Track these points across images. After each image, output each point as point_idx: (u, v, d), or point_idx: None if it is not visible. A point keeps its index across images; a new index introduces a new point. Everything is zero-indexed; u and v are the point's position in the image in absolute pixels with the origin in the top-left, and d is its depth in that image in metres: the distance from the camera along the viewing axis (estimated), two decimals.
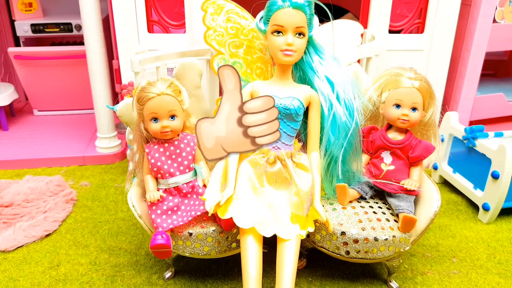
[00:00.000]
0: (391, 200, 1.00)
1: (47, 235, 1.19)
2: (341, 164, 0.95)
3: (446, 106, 1.62)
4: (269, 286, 1.00)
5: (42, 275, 1.04)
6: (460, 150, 1.39)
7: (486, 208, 1.26)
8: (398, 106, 0.99)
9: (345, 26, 1.09)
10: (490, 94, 1.79)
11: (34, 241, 1.16)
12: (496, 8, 1.62)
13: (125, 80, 1.39)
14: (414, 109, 0.98)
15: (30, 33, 1.82)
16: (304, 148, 0.99)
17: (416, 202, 1.01)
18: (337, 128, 0.93)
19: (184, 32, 1.38)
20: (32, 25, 1.81)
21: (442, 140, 1.44)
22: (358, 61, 1.29)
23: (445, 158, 1.45)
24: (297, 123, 0.94)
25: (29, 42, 1.89)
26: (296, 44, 0.88)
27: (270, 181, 0.92)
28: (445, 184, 1.47)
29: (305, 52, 0.93)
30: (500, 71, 2.15)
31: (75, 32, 1.85)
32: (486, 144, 1.26)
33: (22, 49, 1.75)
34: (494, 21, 1.63)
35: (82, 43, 1.89)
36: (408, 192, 0.98)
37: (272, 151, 0.93)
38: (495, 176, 1.21)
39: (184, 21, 1.37)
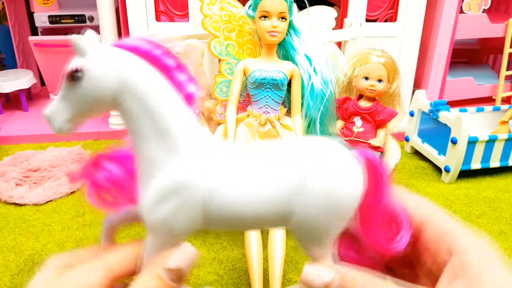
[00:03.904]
0: None
1: (72, 192, 1.39)
2: (319, 125, 1.16)
3: (417, 87, 1.83)
4: None
5: (71, 221, 1.25)
6: (427, 123, 1.60)
7: (447, 170, 1.47)
8: (366, 78, 1.20)
9: (321, 11, 1.29)
10: (460, 78, 2.00)
11: (61, 197, 1.37)
12: (463, 0, 1.83)
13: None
14: (380, 80, 1.19)
15: (47, 24, 2.02)
16: (288, 113, 1.20)
17: (381, 158, 1.22)
18: (314, 95, 1.14)
19: (188, 20, 1.59)
20: (49, 16, 2.01)
21: (412, 115, 1.65)
22: (339, 44, 1.50)
23: (415, 131, 1.66)
24: (282, 92, 1.15)
25: (46, 32, 2.08)
26: (280, 27, 1.09)
27: (262, 138, 1.13)
28: (416, 153, 1.69)
29: (287, 34, 1.14)
30: (473, 59, 2.36)
31: (88, 23, 2.05)
32: (446, 115, 1.47)
33: (42, 38, 1.95)
34: (462, 11, 1.85)
35: None
36: (375, 148, 1.19)
37: (263, 115, 1.14)
38: (454, 142, 1.42)
39: (188, 11, 1.58)
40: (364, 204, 0.32)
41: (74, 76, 0.29)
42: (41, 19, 2.01)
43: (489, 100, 2.06)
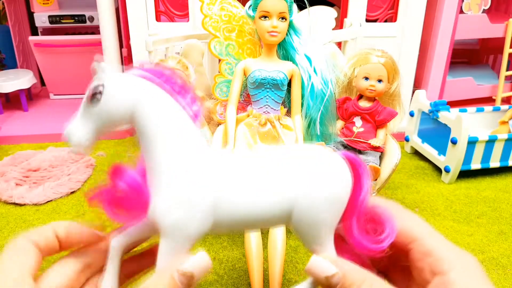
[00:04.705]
0: (361, 157, 1.20)
1: (72, 192, 1.39)
2: (319, 125, 1.16)
3: (417, 87, 1.83)
4: None
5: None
6: (427, 123, 1.60)
7: (447, 170, 1.47)
8: (366, 78, 1.20)
9: (321, 11, 1.29)
10: (460, 78, 2.00)
11: (61, 197, 1.37)
12: (463, 0, 1.83)
13: (135, 64, 1.60)
14: (380, 80, 1.19)
15: (47, 24, 2.02)
16: (288, 113, 1.19)
17: (381, 158, 1.22)
18: (314, 95, 1.14)
19: (188, 20, 1.59)
20: (49, 16, 2.00)
21: (412, 115, 1.65)
22: (339, 44, 1.50)
23: (415, 131, 1.66)
24: (282, 92, 1.15)
25: (46, 32, 2.08)
26: (280, 27, 1.08)
27: (262, 138, 1.13)
28: (416, 153, 1.69)
29: (287, 34, 1.14)
30: (473, 59, 2.36)
31: (88, 23, 2.05)
32: (446, 115, 1.47)
33: (42, 38, 1.95)
34: (462, 12, 1.85)
35: (93, 33, 2.09)
36: (375, 148, 1.19)
37: (263, 115, 1.14)
38: (454, 142, 1.42)
39: (188, 11, 1.58)
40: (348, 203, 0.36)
41: (95, 97, 0.33)
42: (41, 19, 2.01)
43: (489, 100, 2.06)
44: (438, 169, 1.55)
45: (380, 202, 0.37)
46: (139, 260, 0.41)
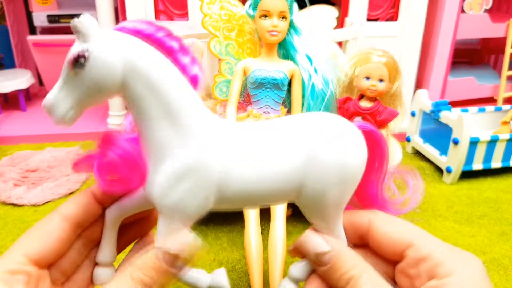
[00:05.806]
0: None
1: (71, 193, 1.38)
2: None
3: (419, 87, 1.82)
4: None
5: None
6: (429, 123, 1.59)
7: (449, 170, 1.46)
8: (368, 78, 1.19)
9: (321, 10, 1.28)
10: (462, 78, 1.99)
11: (60, 198, 1.35)
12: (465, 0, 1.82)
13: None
14: (381, 80, 1.18)
15: (46, 23, 2.01)
16: (289, 113, 1.18)
17: None
18: (315, 95, 1.13)
19: (187, 20, 1.58)
20: (48, 16, 1.99)
21: (414, 115, 1.64)
22: (340, 44, 1.49)
23: (416, 131, 1.65)
24: (283, 92, 1.14)
25: (45, 31, 2.07)
26: (280, 26, 1.08)
27: None
28: (417, 154, 1.67)
29: (287, 34, 1.13)
30: (475, 59, 2.35)
31: None
32: (448, 116, 1.46)
33: (41, 37, 1.94)
34: (463, 11, 1.84)
35: None
36: None
37: (263, 115, 1.13)
38: (456, 142, 1.41)
39: (187, 11, 1.57)
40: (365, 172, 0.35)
41: (79, 62, 0.29)
42: (40, 19, 2.00)
43: (490, 100, 2.05)
44: (439, 170, 1.54)
45: (364, 213, 0.35)
46: (136, 227, 0.40)
